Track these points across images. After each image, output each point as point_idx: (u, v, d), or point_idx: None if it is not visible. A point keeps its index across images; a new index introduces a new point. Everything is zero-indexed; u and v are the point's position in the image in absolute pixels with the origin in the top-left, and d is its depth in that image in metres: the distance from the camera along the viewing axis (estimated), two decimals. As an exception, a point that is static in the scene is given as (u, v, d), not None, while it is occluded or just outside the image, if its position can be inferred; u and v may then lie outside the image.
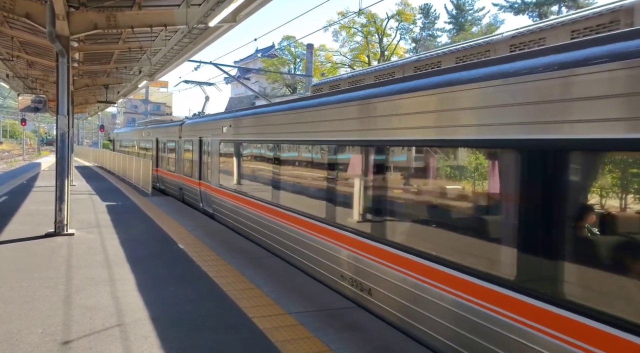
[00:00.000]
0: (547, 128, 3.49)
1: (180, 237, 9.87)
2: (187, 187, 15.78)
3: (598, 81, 3.20)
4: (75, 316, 5.27)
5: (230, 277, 6.97)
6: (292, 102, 8.83)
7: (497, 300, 3.85)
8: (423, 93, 4.88)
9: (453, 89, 4.46)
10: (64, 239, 9.35)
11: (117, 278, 6.75)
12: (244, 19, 10.74)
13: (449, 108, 4.53)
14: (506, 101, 3.89)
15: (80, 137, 74.23)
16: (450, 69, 4.93)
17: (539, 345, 3.49)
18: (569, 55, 3.49)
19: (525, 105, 3.71)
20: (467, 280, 4.19)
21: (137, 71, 19.73)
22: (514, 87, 3.83)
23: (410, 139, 5.13)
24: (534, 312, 3.54)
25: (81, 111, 40.98)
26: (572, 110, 3.36)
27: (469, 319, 4.15)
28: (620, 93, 3.07)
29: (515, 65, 3.90)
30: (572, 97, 3.37)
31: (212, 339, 4.79)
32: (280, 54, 49.30)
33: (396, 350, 4.69)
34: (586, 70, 3.27)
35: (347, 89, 6.79)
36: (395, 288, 5.24)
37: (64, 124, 9.93)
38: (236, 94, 68.40)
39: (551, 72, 3.52)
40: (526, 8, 40.02)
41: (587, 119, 3.25)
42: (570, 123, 3.35)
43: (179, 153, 17.09)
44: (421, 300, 4.80)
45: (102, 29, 11.00)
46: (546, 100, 3.53)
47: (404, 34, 44.53)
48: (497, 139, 3.97)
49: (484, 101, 4.13)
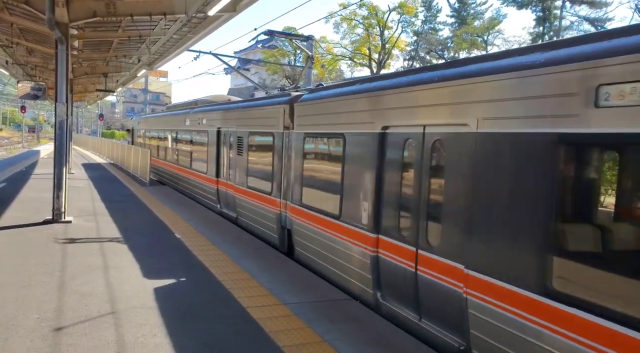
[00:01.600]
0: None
1: (177, 226, 9.90)
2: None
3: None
4: (70, 302, 5.30)
5: (226, 267, 7.00)
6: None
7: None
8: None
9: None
10: (61, 226, 9.37)
11: (113, 266, 6.78)
12: (244, 8, 10.69)
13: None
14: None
15: (79, 125, 74.04)
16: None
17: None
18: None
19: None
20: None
21: (136, 60, 19.64)
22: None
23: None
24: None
25: (80, 99, 40.83)
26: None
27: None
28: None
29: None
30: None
31: (206, 328, 4.82)
32: (281, 45, 49.03)
33: (390, 341, 4.73)
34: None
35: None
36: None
37: (62, 111, 9.91)
38: (236, 85, 68.09)
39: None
40: (530, 2, 39.71)
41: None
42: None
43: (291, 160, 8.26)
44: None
45: (102, 17, 10.94)
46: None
47: (406, 27, 44.24)
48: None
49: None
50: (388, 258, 5.45)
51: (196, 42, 15.27)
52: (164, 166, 18.19)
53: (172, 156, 17.06)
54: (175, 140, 16.74)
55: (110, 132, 76.70)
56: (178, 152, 16.25)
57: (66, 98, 10.06)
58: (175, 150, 16.67)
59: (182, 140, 15.76)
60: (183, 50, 17.10)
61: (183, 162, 15.36)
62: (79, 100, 40.15)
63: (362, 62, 43.58)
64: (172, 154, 17.00)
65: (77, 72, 21.10)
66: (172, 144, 17.15)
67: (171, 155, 17.17)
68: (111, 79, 25.28)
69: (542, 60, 3.71)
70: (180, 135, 16.00)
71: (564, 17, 38.95)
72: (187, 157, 14.79)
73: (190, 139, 14.53)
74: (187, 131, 14.92)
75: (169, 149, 17.76)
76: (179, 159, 15.98)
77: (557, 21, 38.90)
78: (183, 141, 15.60)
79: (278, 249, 8.35)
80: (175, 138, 16.61)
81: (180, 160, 15.85)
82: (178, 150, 16.26)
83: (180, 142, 16.03)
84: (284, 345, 4.52)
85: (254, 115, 9.89)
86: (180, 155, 15.84)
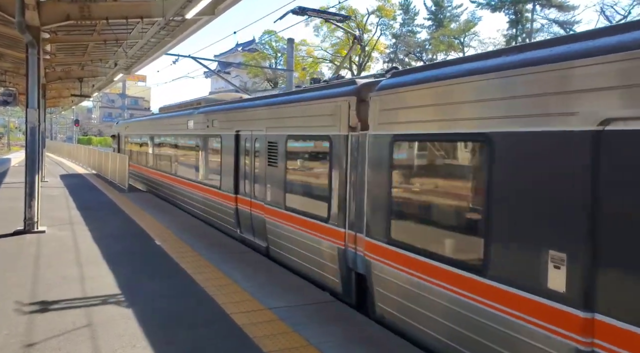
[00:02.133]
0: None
1: (157, 233, 9.67)
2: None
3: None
4: (43, 315, 5.08)
5: (208, 273, 6.85)
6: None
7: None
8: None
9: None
10: (34, 237, 9.04)
11: (89, 276, 6.55)
12: (223, 11, 10.56)
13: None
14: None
15: (54, 132, 72.26)
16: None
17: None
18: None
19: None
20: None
21: (112, 64, 19.24)
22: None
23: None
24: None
25: (54, 105, 39.82)
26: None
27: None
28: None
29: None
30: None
31: (189, 336, 4.68)
32: (261, 48, 48.90)
33: (378, 343, 4.67)
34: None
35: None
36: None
37: (34, 117, 9.58)
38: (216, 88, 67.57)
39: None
40: (502, 6, 40.58)
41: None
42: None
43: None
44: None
45: (75, 20, 10.64)
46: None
47: (385, 29, 44.69)
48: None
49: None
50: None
51: (175, 45, 15.04)
52: (161, 178, 15.14)
53: (170, 166, 14.14)
54: (174, 147, 13.93)
55: (86, 139, 75.06)
56: (178, 161, 13.42)
57: (38, 104, 9.73)
58: (174, 160, 13.82)
59: (183, 147, 13.03)
60: (161, 54, 16.83)
61: (185, 173, 12.68)
62: (52, 105, 39.14)
63: (343, 65, 43.70)
64: (171, 164, 14.15)
65: (50, 76, 20.54)
66: (170, 152, 14.38)
67: (169, 165, 14.27)
68: (87, 83, 24.70)
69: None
70: (180, 141, 13.26)
71: (534, 20, 39.93)
72: (191, 167, 12.17)
73: (196, 146, 11.87)
74: (191, 136, 12.24)
75: (165, 158, 14.86)
76: (180, 170, 13.16)
77: (529, 23, 39.83)
78: (185, 148, 12.90)
79: (340, 298, 6.00)
80: (175, 144, 13.84)
81: (181, 172, 13.07)
82: (178, 160, 13.44)
83: (181, 150, 13.30)
84: (269, 350, 4.41)
85: (295, 114, 7.36)
86: (182, 165, 13.06)
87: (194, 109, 12.34)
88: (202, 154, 11.46)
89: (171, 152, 14.28)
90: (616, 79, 3.02)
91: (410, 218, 4.97)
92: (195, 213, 11.79)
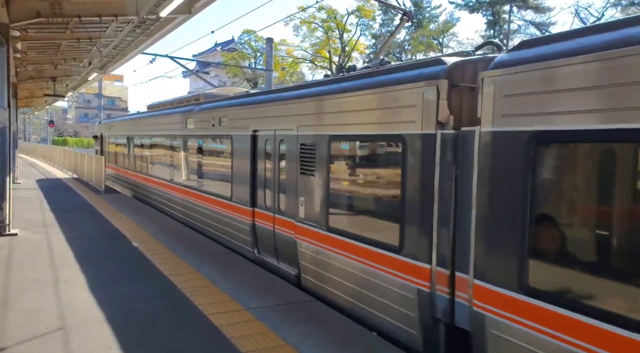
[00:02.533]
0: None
1: (134, 234, 9.52)
2: None
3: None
4: (15, 320, 4.95)
5: (186, 275, 6.78)
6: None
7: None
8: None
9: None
10: (5, 240, 8.78)
11: (63, 279, 6.41)
12: (200, 10, 10.44)
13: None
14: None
15: (27, 132, 70.31)
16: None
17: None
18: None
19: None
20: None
21: (87, 63, 18.82)
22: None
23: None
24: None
25: (27, 105, 38.75)
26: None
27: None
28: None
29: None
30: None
31: (166, 337, 4.64)
32: (241, 48, 48.57)
33: (356, 341, 4.71)
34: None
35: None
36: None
37: (4, 117, 9.32)
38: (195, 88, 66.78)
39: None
40: (480, 7, 41.31)
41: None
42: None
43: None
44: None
45: (46, 17, 10.38)
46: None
47: (364, 30, 44.93)
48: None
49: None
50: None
51: (151, 44, 14.78)
52: (153, 186, 13.41)
53: (163, 172, 12.45)
54: (169, 149, 12.21)
55: (62, 140, 73.27)
56: (174, 166, 11.75)
57: (8, 103, 9.46)
58: (169, 164, 12.11)
59: (180, 149, 11.29)
60: (137, 53, 16.53)
61: (183, 180, 11.08)
62: (25, 105, 38.08)
63: (323, 64, 43.82)
64: (165, 170, 12.39)
65: (21, 76, 19.97)
66: (164, 156, 12.67)
67: (163, 170, 12.55)
68: (60, 83, 24.07)
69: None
70: (176, 142, 11.54)
71: (512, 21, 40.78)
72: (191, 173, 10.60)
73: (197, 148, 10.26)
74: (190, 137, 10.60)
75: (158, 163, 13.14)
76: (177, 177, 11.51)
77: (507, 25, 40.65)
78: (182, 151, 11.14)
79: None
80: (170, 146, 12.10)
81: (178, 178, 11.43)
82: (174, 164, 11.76)
83: (177, 152, 11.55)
84: (246, 350, 4.41)
85: (343, 107, 5.63)
86: (179, 171, 11.41)
87: (194, 105, 10.77)
88: (205, 157, 10.02)
89: (165, 156, 12.55)
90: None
91: (571, 260, 3.36)
92: (196, 227, 10.15)
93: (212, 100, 10.18)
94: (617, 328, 2.90)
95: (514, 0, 39.26)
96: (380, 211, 5.26)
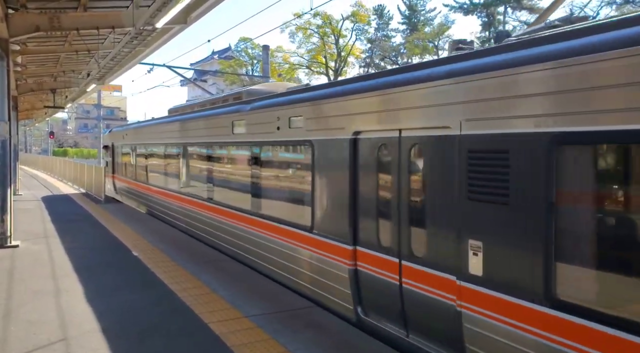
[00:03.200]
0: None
1: (134, 244, 9.58)
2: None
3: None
4: (16, 331, 5.00)
5: (186, 283, 6.83)
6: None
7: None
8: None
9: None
10: (7, 252, 8.84)
11: (64, 290, 6.46)
12: (195, 20, 10.56)
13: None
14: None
15: (28, 144, 70.50)
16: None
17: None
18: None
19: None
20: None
21: (85, 74, 18.97)
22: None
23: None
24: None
25: (27, 117, 38.95)
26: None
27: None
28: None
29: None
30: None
31: (166, 346, 4.68)
32: (237, 55, 48.82)
33: (355, 347, 4.75)
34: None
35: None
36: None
37: (4, 130, 9.42)
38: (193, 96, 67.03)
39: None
40: (475, 9, 41.53)
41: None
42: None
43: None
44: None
45: (45, 31, 10.50)
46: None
47: (360, 34, 45.16)
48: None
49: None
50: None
51: (148, 54, 14.95)
52: (181, 205, 11.05)
53: (199, 190, 10.09)
54: (207, 160, 9.73)
55: (62, 150, 73.45)
56: (215, 182, 9.39)
57: (9, 116, 9.57)
58: (207, 180, 9.65)
59: (225, 160, 9.14)
60: (135, 64, 16.70)
61: (229, 201, 8.63)
62: (25, 118, 38.29)
63: (319, 70, 44.04)
64: (201, 186, 9.98)
65: (22, 88, 20.13)
66: (200, 169, 10.17)
67: (198, 187, 10.23)
68: (60, 95, 24.27)
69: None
70: (220, 151, 9.21)
71: (507, 22, 41.00)
72: (243, 192, 8.09)
73: (252, 159, 7.81)
74: (242, 144, 8.22)
75: (192, 176, 10.66)
76: (220, 195, 9.11)
77: (501, 26, 40.85)
78: (230, 163, 9.01)
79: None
80: (208, 157, 9.66)
81: (220, 198, 9.06)
82: (215, 180, 9.38)
83: (221, 164, 9.30)
84: (246, 358, 4.45)
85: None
86: (224, 188, 9.10)
87: (242, 105, 8.38)
88: (265, 170, 7.52)
89: (200, 169, 10.13)
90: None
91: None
92: (251, 262, 7.76)
93: (265, 98, 7.77)
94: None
95: (508, 2, 39.47)
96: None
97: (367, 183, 5.26)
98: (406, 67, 5.17)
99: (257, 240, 7.49)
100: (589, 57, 3.13)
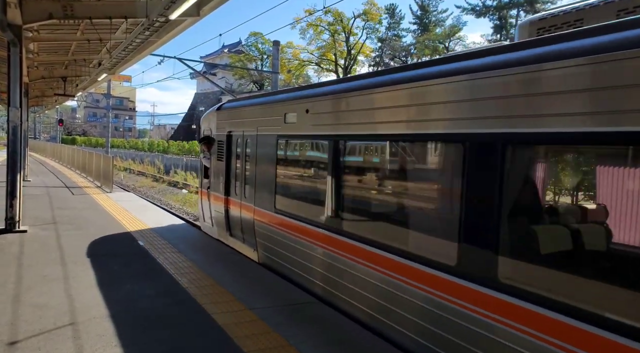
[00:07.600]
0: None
1: (141, 233, 9.65)
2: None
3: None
4: (24, 315, 5.07)
5: (191, 274, 6.89)
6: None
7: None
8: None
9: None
10: (15, 236, 8.95)
11: (71, 276, 6.53)
12: (208, 13, 10.59)
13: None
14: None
15: (37, 131, 71.05)
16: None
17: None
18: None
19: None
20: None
21: (96, 64, 19.07)
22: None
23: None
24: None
25: (37, 104, 39.21)
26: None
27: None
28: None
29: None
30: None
31: (170, 336, 4.73)
32: (247, 50, 48.86)
33: (357, 341, 4.78)
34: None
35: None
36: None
37: (15, 116, 9.50)
38: (202, 89, 67.14)
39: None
40: (487, 11, 41.28)
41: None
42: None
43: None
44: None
45: (58, 19, 10.58)
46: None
47: (370, 33, 45.04)
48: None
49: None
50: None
51: (160, 46, 14.97)
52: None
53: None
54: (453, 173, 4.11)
55: (71, 138, 73.92)
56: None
57: (20, 102, 9.65)
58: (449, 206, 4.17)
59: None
60: (146, 55, 16.74)
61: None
62: (36, 104, 38.54)
63: (329, 67, 43.99)
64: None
65: (33, 75, 20.26)
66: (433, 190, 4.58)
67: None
68: (70, 83, 24.40)
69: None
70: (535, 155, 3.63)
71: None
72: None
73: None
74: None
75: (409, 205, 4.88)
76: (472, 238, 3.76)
77: (513, 29, 40.56)
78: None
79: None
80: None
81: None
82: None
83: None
84: (249, 350, 4.48)
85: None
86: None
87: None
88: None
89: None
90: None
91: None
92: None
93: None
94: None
95: (521, 5, 39.19)
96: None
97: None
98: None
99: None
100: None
